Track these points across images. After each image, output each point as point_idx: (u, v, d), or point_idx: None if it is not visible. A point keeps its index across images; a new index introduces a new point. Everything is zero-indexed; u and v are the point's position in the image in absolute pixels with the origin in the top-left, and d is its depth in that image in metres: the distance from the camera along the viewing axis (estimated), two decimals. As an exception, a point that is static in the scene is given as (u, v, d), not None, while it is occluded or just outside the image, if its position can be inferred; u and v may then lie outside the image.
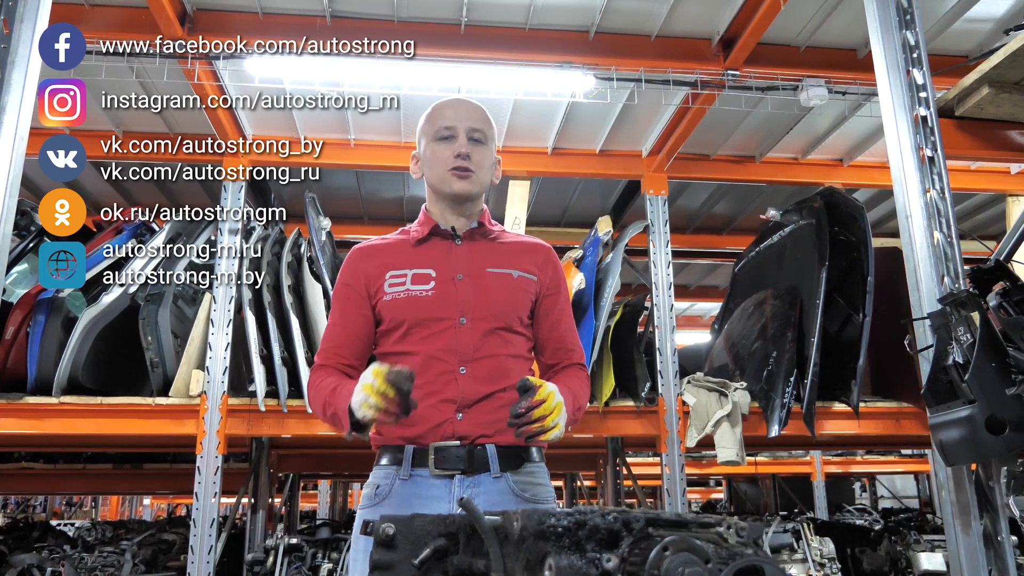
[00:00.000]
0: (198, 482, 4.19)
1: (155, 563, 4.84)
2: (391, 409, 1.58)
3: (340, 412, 1.71)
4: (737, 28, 3.90)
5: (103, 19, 3.72)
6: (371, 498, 1.81)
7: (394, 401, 1.58)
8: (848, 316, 4.52)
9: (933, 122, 2.38)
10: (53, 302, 4.33)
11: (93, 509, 13.23)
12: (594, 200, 6.25)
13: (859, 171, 5.53)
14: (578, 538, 0.93)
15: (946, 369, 2.12)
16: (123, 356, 4.47)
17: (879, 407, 4.63)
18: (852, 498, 11.60)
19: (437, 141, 1.92)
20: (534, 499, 1.82)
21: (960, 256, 2.30)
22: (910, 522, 6.03)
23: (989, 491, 2.15)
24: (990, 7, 3.87)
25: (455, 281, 1.88)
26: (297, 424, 4.29)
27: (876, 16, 2.54)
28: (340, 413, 1.71)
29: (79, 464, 6.10)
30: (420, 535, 1.27)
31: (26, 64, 2.19)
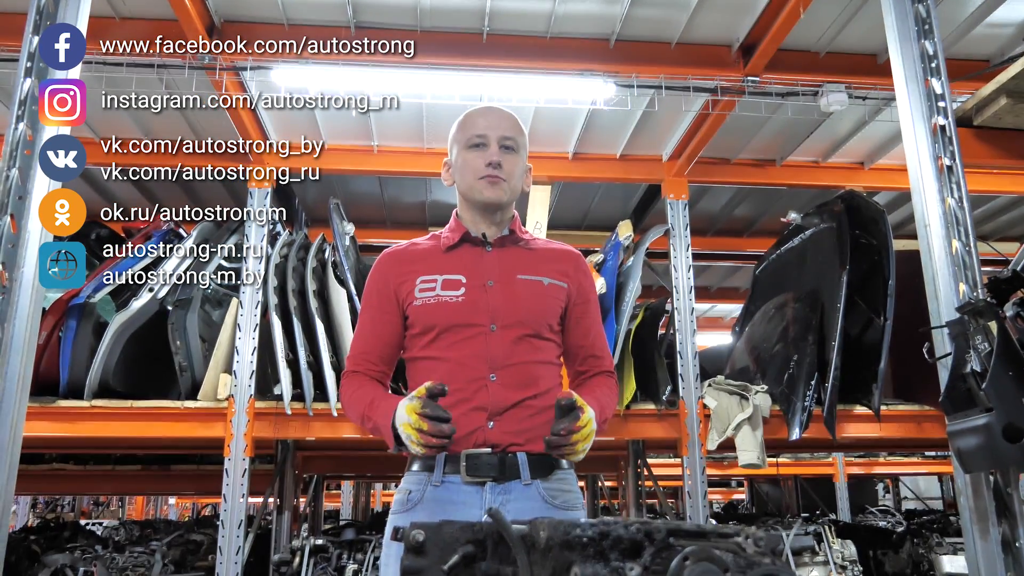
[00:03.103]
0: (226, 484, 4.27)
1: (184, 563, 4.94)
2: (433, 444, 1.65)
3: (383, 428, 1.77)
4: (757, 35, 3.92)
5: (133, 32, 3.81)
6: (403, 504, 1.83)
7: (436, 440, 1.64)
8: (869, 319, 4.52)
9: (951, 131, 2.40)
10: (84, 307, 4.43)
11: (120, 509, 13.43)
12: (615, 204, 6.28)
13: (880, 174, 5.51)
14: (602, 548, 0.97)
15: (964, 377, 2.14)
16: (152, 360, 4.56)
17: (900, 410, 4.63)
18: (875, 499, 11.51)
19: (469, 149, 1.94)
20: (564, 506, 1.83)
21: (978, 265, 2.32)
22: (932, 524, 6.00)
23: (1007, 498, 2.17)
24: (1012, 11, 3.86)
25: (486, 287, 1.89)
26: (323, 427, 4.36)
27: (895, 26, 2.56)
28: (383, 429, 1.76)
29: (108, 465, 6.22)
30: (449, 542, 1.32)
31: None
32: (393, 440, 1.74)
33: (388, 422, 1.73)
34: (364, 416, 1.83)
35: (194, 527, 5.55)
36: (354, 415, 1.87)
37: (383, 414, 1.76)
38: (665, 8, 3.85)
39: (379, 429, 1.78)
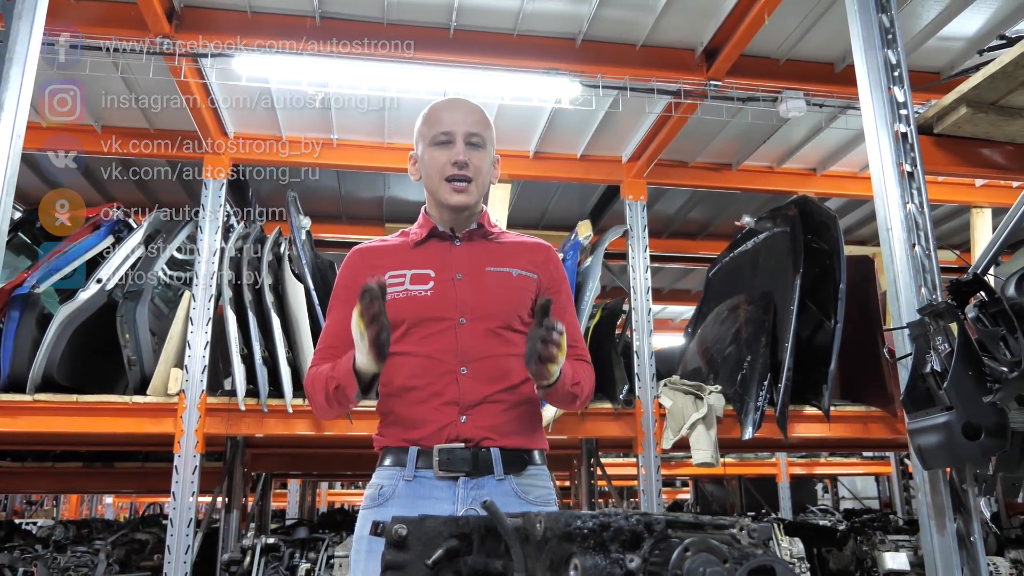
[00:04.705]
0: (175, 481, 4.16)
1: (129, 563, 4.79)
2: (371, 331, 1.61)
3: (344, 379, 1.73)
4: (721, 39, 3.98)
5: (90, 14, 3.68)
6: (374, 499, 1.80)
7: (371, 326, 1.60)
8: (820, 322, 4.62)
9: (913, 138, 2.47)
10: (28, 298, 4.27)
11: (54, 508, 12.99)
12: (573, 204, 6.31)
13: (831, 180, 5.66)
14: (602, 539, 0.97)
15: (924, 377, 2.21)
16: (99, 354, 4.42)
17: (848, 411, 4.76)
18: (815, 499, 11.79)
19: (434, 146, 1.90)
20: (537, 502, 1.83)
21: (937, 268, 2.39)
22: (874, 522, 6.17)
23: (962, 494, 2.25)
24: (962, 26, 4.00)
25: (454, 281, 1.86)
26: (277, 423, 4.28)
27: (860, 34, 2.63)
28: (344, 380, 1.73)
29: (48, 462, 6.01)
30: (431, 536, 1.30)
31: (24, 61, 2.17)
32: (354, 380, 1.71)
33: (349, 365, 1.71)
34: (327, 380, 1.79)
35: (139, 526, 5.39)
36: (318, 392, 1.82)
37: (344, 364, 1.75)
38: (632, 9, 3.89)
39: (342, 385, 1.75)
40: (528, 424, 1.90)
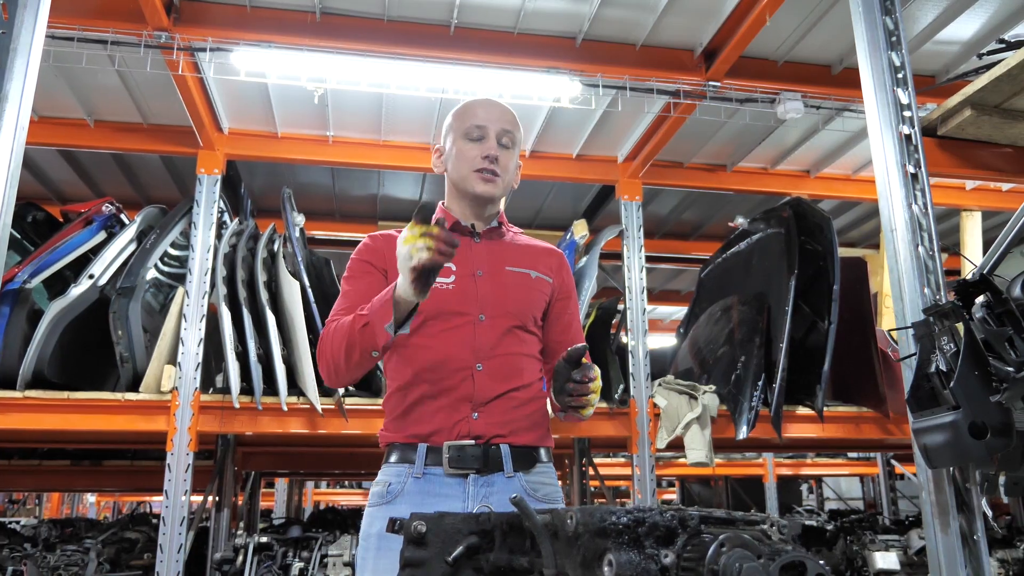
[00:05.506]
0: (168, 479, 4.12)
1: (119, 562, 4.74)
2: (442, 240, 1.54)
3: (377, 312, 1.66)
4: (720, 41, 3.99)
5: (86, 5, 3.63)
6: (382, 496, 1.79)
7: (439, 235, 1.54)
8: (813, 323, 4.65)
9: (917, 140, 2.49)
10: (19, 293, 4.21)
11: (37, 507, 12.84)
12: (567, 203, 6.31)
13: (825, 182, 5.69)
14: (637, 535, 0.97)
15: (928, 376, 2.22)
16: (91, 351, 4.37)
17: (841, 411, 4.79)
18: (800, 499, 11.86)
19: (466, 139, 1.92)
20: (545, 499, 1.83)
21: (942, 269, 2.41)
22: (863, 522, 6.21)
23: (965, 492, 2.26)
24: (959, 30, 4.03)
25: (475, 277, 1.88)
26: (271, 421, 4.25)
27: (864, 36, 2.64)
28: (377, 315, 1.65)
29: (35, 460, 5.93)
30: (451, 533, 1.30)
31: (28, 52, 2.14)
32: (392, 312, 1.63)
33: (387, 295, 1.64)
34: (354, 323, 1.71)
35: (129, 525, 5.33)
36: (340, 342, 1.74)
37: (379, 297, 1.67)
38: (633, 9, 3.89)
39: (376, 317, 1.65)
40: (537, 422, 1.91)
